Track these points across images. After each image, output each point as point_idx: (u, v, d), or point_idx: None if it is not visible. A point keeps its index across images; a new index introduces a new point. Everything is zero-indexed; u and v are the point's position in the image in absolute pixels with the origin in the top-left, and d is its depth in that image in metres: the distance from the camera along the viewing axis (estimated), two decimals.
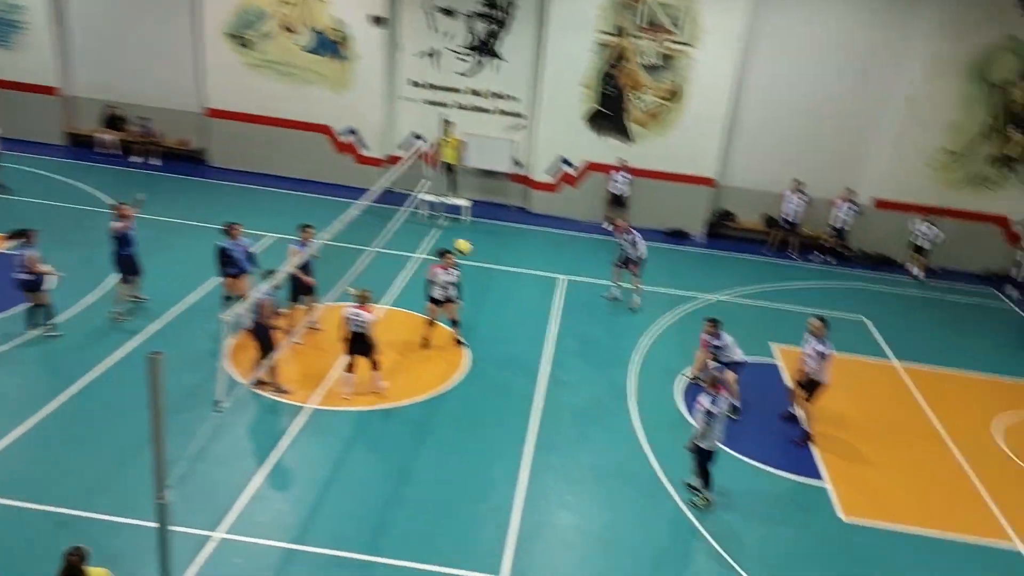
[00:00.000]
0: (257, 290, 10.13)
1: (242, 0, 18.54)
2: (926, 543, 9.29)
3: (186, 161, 20.12)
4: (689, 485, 9.54)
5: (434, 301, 12.25)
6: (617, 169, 18.61)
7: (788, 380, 12.57)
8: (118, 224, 11.83)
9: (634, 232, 14.65)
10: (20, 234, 11.25)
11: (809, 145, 18.65)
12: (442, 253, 12.31)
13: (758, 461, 10.44)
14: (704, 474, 9.33)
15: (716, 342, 11.31)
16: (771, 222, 19.09)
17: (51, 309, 11.43)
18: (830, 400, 11.45)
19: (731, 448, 10.57)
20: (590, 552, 8.54)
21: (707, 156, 18.72)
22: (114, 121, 20.06)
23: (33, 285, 11.13)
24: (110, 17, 19.38)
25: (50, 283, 11.33)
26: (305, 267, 11.92)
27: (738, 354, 11.35)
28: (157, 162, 19.79)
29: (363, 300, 10.43)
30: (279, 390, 10.63)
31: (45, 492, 8.38)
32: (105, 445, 9.23)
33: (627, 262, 14.68)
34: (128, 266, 12.03)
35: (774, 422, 11.48)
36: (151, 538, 7.24)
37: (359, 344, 10.47)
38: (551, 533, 8.73)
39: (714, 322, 11.40)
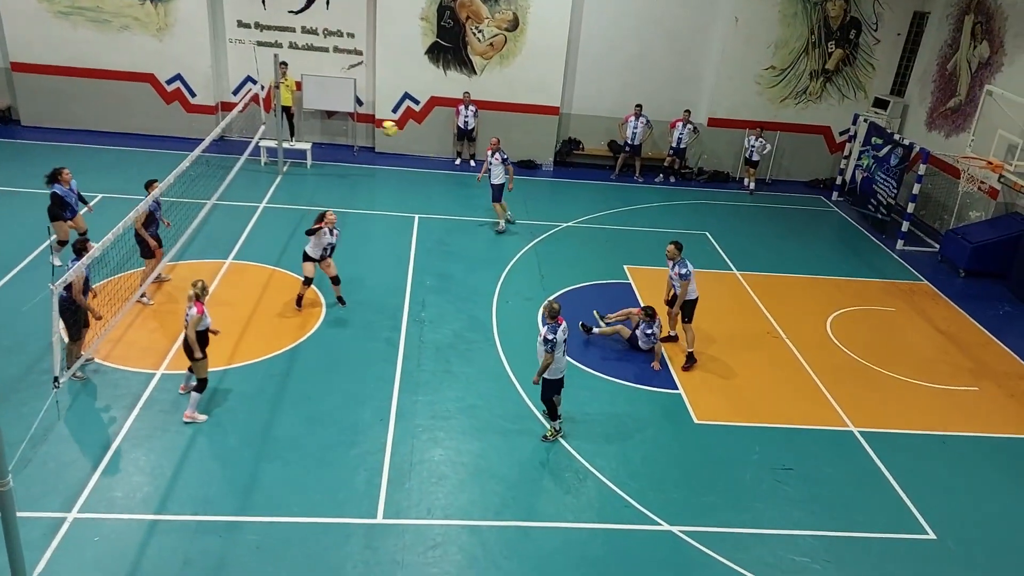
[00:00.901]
0: (69, 265, 9.31)
1: None
2: (772, 434, 10.16)
3: None
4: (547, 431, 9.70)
5: (311, 259, 11.66)
6: (462, 103, 18.49)
7: (641, 300, 13.22)
8: None
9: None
10: None
11: (646, 69, 19.22)
12: (322, 216, 11.58)
13: (618, 378, 10.99)
14: (551, 405, 9.52)
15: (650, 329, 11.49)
16: (615, 147, 19.67)
17: None
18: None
19: (592, 367, 11.10)
20: (463, 483, 8.77)
21: (551, 85, 18.92)
22: None
23: None
24: None
25: None
26: (150, 224, 11.41)
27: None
28: None
29: (198, 296, 8.99)
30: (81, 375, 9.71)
31: None
32: None
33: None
34: None
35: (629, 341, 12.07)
36: None
37: (184, 343, 9.24)
38: (424, 469, 8.89)
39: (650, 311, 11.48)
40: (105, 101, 18.20)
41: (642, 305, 11.92)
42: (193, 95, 18.39)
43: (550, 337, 9.02)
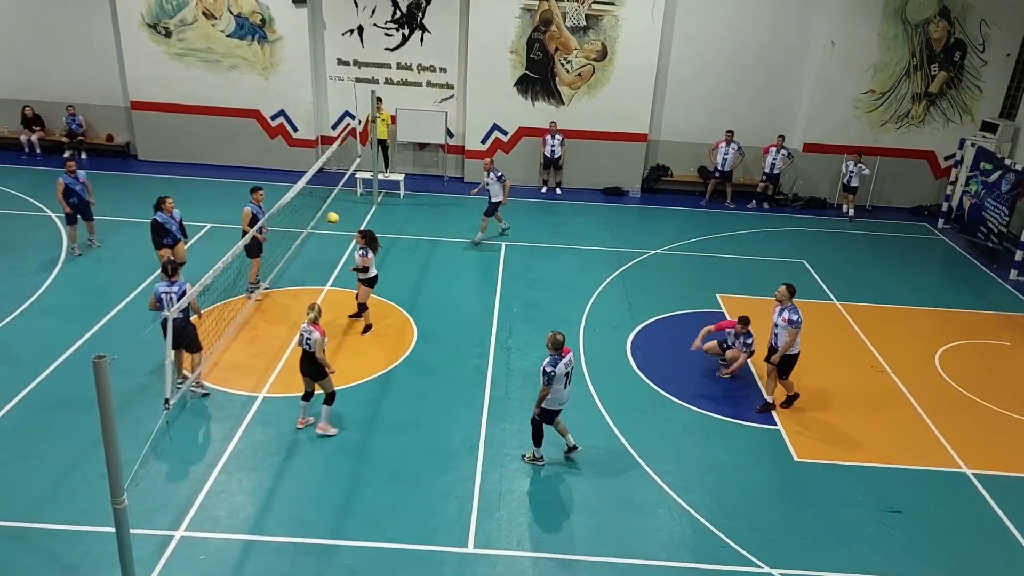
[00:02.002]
0: (157, 289, 9.85)
1: None
2: (878, 474, 9.68)
3: (113, 157, 19.49)
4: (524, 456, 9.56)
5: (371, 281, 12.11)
6: (549, 132, 18.64)
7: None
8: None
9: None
10: None
11: (738, 94, 18.93)
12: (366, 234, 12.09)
13: (713, 412, 10.71)
14: (537, 430, 9.28)
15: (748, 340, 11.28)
16: (705, 173, 19.40)
17: None
18: None
19: (685, 400, 10.87)
20: (554, 515, 8.70)
21: (639, 112, 18.87)
22: (34, 121, 19.26)
23: None
24: (19, 12, 18.50)
25: None
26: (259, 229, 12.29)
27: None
28: (83, 159, 19.12)
29: (315, 319, 9.40)
30: (200, 387, 10.31)
31: None
32: (49, 457, 9.01)
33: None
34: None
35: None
36: (110, 543, 7.16)
37: (307, 365, 9.55)
38: (514, 499, 8.87)
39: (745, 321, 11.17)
40: (214, 136, 19.21)
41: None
42: (295, 130, 19.21)
43: (548, 370, 8.81)
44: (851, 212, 18.76)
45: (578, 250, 15.77)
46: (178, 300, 9.53)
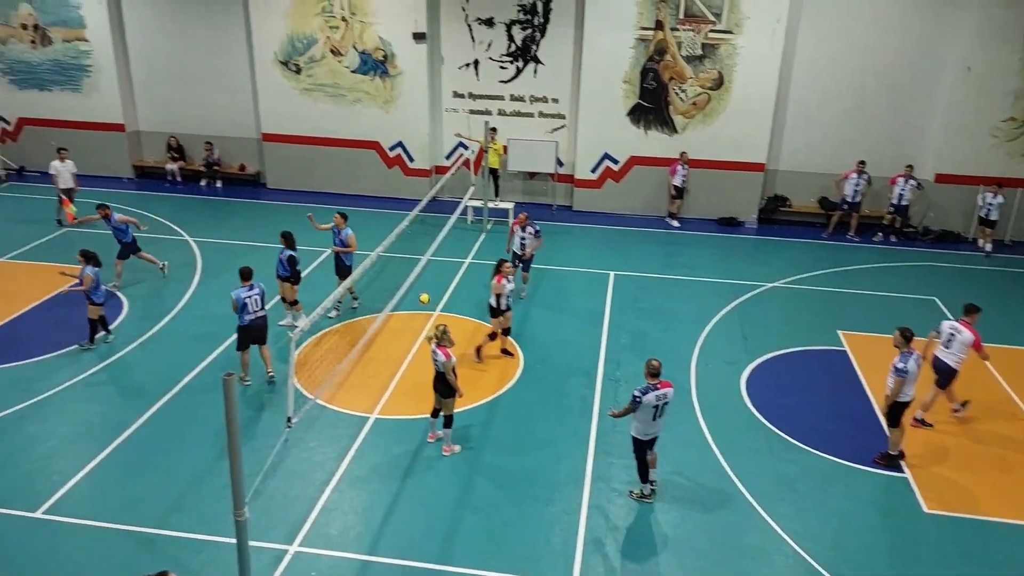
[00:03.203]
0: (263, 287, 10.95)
1: (292, 28, 19.02)
2: (1021, 533, 8.93)
3: (245, 185, 20.74)
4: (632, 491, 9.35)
5: (496, 312, 12.03)
6: (679, 162, 18.38)
7: (859, 369, 12.28)
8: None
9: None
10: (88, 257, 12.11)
11: (863, 122, 18.17)
12: (500, 264, 12.10)
13: (833, 455, 10.18)
14: (641, 464, 9.16)
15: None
16: (827, 204, 18.65)
17: (104, 322, 12.31)
18: None
19: (802, 441, 10.39)
20: (661, 554, 8.47)
21: (756, 141, 18.42)
22: (177, 151, 20.80)
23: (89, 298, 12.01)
24: (168, 54, 20.11)
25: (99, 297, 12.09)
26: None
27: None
28: (218, 187, 20.46)
29: (439, 338, 9.63)
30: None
31: (127, 513, 8.73)
32: (180, 465, 9.56)
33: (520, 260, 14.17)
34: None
35: (845, 412, 11.19)
36: (230, 553, 7.51)
37: (439, 383, 9.84)
38: (620, 535, 8.69)
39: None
40: (336, 166, 20.11)
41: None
42: (411, 160, 19.85)
43: (636, 395, 8.71)
44: (989, 247, 17.55)
45: (690, 281, 15.46)
46: (261, 300, 10.89)
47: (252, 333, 11.15)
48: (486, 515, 8.92)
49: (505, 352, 12.40)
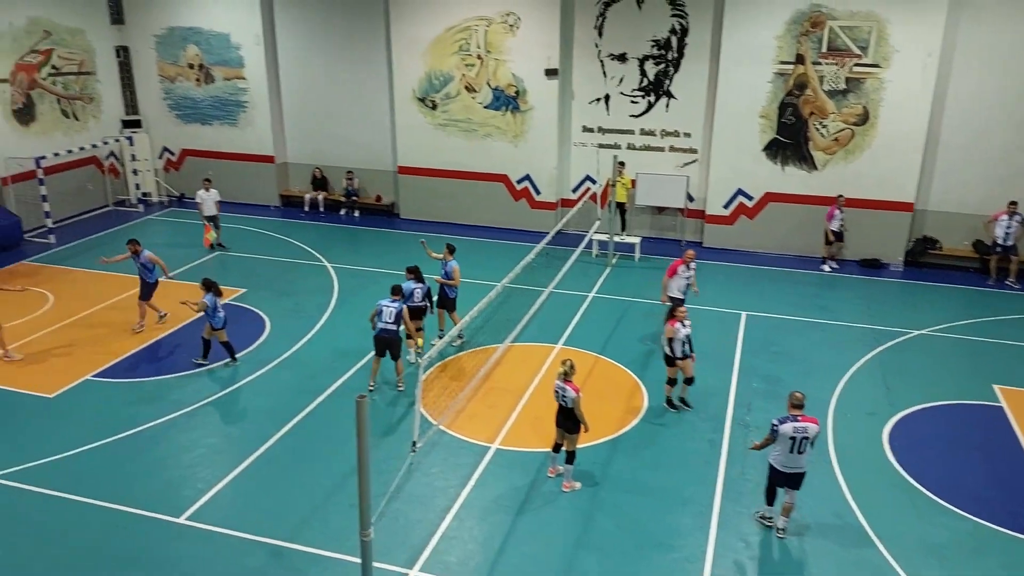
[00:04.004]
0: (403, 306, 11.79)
1: (431, 65, 19.82)
2: None
3: (380, 214, 21.64)
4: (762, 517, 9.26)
5: (671, 359, 11.44)
6: (836, 205, 17.44)
7: (1018, 428, 11.28)
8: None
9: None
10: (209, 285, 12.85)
11: (1021, 161, 16.83)
12: (676, 304, 11.76)
13: (985, 519, 9.34)
14: (770, 492, 9.09)
15: None
16: (982, 248, 17.33)
17: (229, 348, 12.99)
18: None
19: (955, 504, 9.58)
20: None
21: (904, 180, 17.43)
22: (320, 182, 22.00)
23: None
24: (317, 91, 21.41)
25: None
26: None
27: None
28: (356, 216, 21.44)
29: (566, 374, 9.53)
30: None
31: (261, 524, 9.13)
32: (311, 480, 9.94)
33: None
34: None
35: (1002, 473, 10.25)
36: (353, 572, 7.69)
37: (564, 419, 9.70)
38: None
39: None
40: (465, 198, 20.64)
41: None
42: (538, 192, 20.10)
43: (774, 424, 8.57)
44: None
45: (829, 325, 14.70)
46: (397, 315, 11.65)
47: (382, 344, 11.78)
48: (605, 555, 8.72)
49: (682, 403, 11.71)
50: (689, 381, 11.67)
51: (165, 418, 11.36)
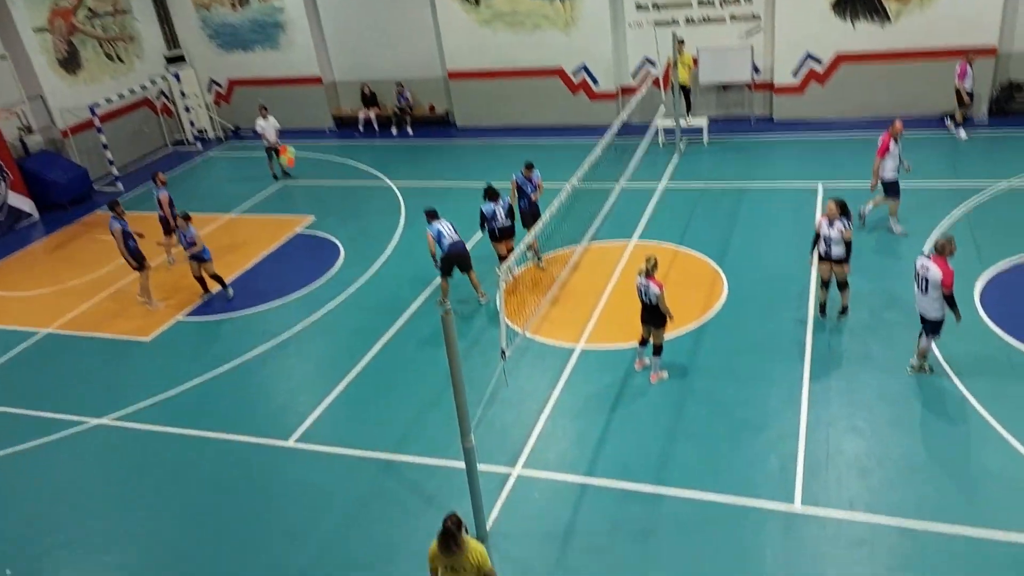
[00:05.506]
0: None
1: None
2: None
3: (435, 126, 21.42)
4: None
5: (822, 258, 10.52)
6: (964, 62, 15.77)
7: None
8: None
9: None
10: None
11: None
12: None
13: None
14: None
15: None
16: None
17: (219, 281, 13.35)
18: None
19: None
20: (889, 478, 8.05)
21: (986, 21, 16.17)
22: (370, 99, 21.81)
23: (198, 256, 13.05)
24: (354, 3, 20.93)
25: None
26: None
27: None
28: (410, 133, 21.27)
29: (648, 271, 9.44)
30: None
31: (367, 440, 9.61)
32: (408, 396, 10.35)
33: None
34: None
35: None
36: (459, 477, 8.08)
37: (649, 315, 9.75)
38: (843, 460, 8.34)
39: None
40: (522, 98, 20.17)
41: None
42: (596, 83, 19.48)
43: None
44: None
45: (912, 187, 14.04)
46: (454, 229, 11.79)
47: (450, 262, 11.75)
48: (699, 440, 8.90)
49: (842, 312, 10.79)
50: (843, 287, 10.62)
51: (259, 349, 11.88)
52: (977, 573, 6.93)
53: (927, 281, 8.80)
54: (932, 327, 9.09)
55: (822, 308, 10.82)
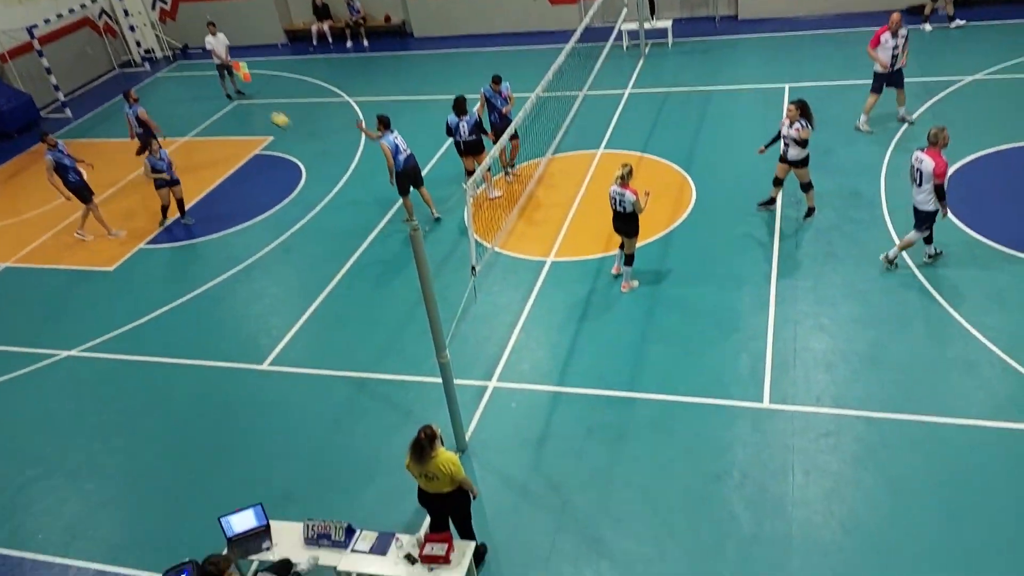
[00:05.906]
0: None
1: None
2: None
3: (391, 37, 20.67)
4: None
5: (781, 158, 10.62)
6: None
7: None
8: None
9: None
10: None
11: None
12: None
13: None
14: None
15: None
16: None
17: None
18: None
19: (1013, 247, 9.59)
20: (855, 372, 8.31)
21: None
22: (322, 11, 20.87)
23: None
24: None
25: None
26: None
27: None
28: (364, 44, 20.51)
29: (623, 178, 9.36)
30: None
31: (341, 360, 9.64)
32: (380, 316, 10.34)
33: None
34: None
35: None
36: (436, 391, 8.18)
37: (621, 223, 9.73)
38: (810, 357, 8.57)
39: None
40: (481, 4, 19.42)
41: None
42: None
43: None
44: None
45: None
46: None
47: (408, 177, 11.48)
48: (671, 344, 9.06)
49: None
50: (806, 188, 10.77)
51: (226, 275, 11.70)
52: (937, 456, 7.26)
53: (921, 173, 8.92)
54: (924, 218, 9.19)
55: (770, 201, 11.00)
